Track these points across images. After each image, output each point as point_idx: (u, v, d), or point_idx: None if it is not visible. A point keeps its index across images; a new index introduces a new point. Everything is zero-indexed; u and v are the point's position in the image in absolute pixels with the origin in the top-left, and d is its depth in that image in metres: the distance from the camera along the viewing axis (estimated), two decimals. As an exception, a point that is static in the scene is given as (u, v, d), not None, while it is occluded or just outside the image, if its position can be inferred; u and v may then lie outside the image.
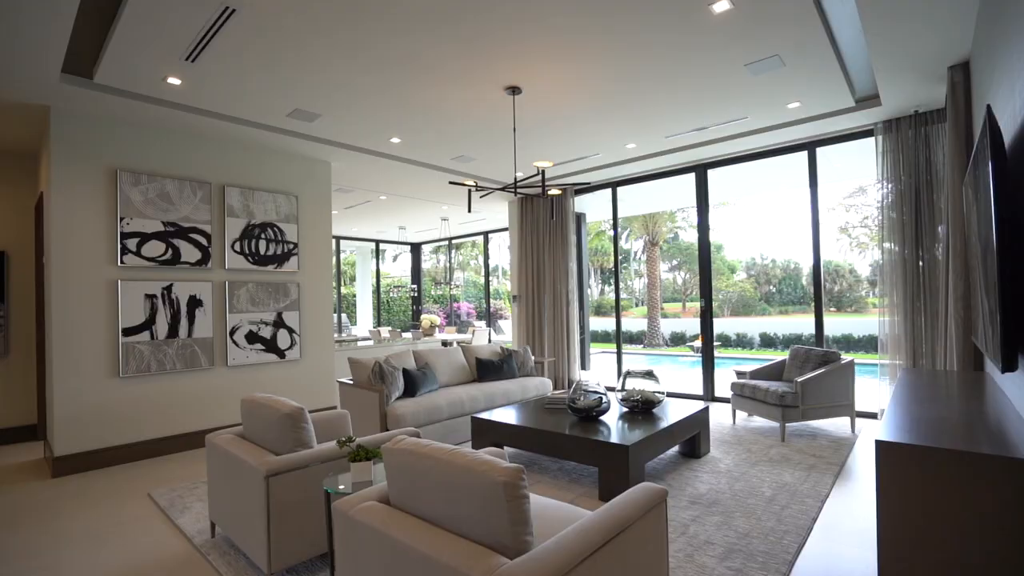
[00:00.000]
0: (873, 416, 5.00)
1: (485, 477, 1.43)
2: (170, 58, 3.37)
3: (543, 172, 3.69)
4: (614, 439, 3.22)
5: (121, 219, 4.37)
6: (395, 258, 22.15)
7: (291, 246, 5.49)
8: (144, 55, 3.32)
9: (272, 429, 2.49)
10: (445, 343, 9.32)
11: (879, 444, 1.83)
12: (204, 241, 4.87)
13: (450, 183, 4.00)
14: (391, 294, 15.09)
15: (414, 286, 13.08)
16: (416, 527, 1.57)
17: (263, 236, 5.29)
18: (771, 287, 22.19)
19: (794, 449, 4.10)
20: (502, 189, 4.04)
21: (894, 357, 4.76)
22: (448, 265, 17.91)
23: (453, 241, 12.63)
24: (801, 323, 16.12)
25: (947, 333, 3.84)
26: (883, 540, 1.84)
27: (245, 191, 5.16)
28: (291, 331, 5.46)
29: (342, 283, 19.17)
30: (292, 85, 3.88)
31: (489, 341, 11.56)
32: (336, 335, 11.94)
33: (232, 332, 5.02)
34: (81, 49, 3.34)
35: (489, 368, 5.41)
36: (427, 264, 22.79)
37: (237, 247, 5.09)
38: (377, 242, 12.74)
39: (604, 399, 3.80)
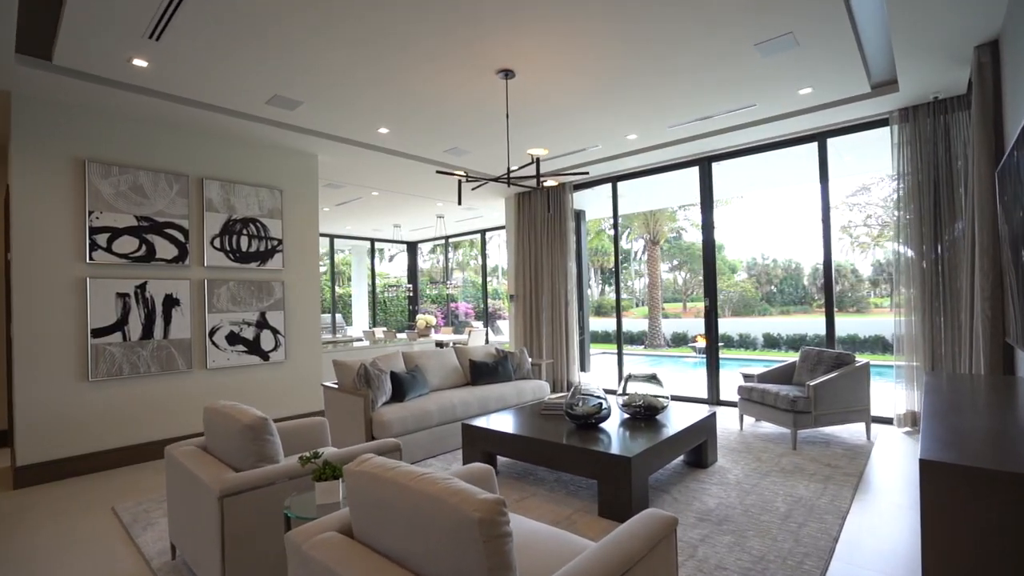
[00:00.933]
0: (888, 421, 4.74)
1: (457, 512, 1.17)
2: (131, 36, 3.10)
3: (537, 160, 3.43)
4: (615, 450, 2.96)
5: (90, 213, 4.11)
6: (392, 258, 21.89)
7: (275, 243, 5.23)
8: (103, 33, 3.06)
9: (233, 442, 2.22)
10: (440, 344, 9.06)
11: (923, 464, 1.57)
12: (181, 237, 4.60)
13: (438, 172, 3.73)
14: (386, 294, 14.80)
15: (409, 285, 12.81)
16: (378, 568, 1.31)
17: (245, 232, 5.03)
18: (772, 287, 21.95)
19: (807, 458, 3.83)
20: (494, 180, 3.78)
21: (910, 359, 4.50)
22: (445, 264, 17.66)
23: (451, 240, 12.37)
24: (804, 323, 15.85)
25: (972, 334, 3.58)
26: (929, 573, 1.58)
27: (225, 184, 4.90)
28: (275, 332, 5.20)
29: (339, 283, 18.91)
30: (269, 69, 3.62)
31: (487, 342, 11.30)
32: (330, 336, 11.69)
33: (212, 333, 4.76)
34: (36, 27, 3.08)
35: (483, 371, 5.14)
36: (426, 264, 22.54)
37: (217, 243, 4.83)
38: (372, 241, 12.48)
39: (604, 405, 3.54)
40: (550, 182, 3.89)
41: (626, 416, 3.71)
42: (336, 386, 4.35)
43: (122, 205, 4.28)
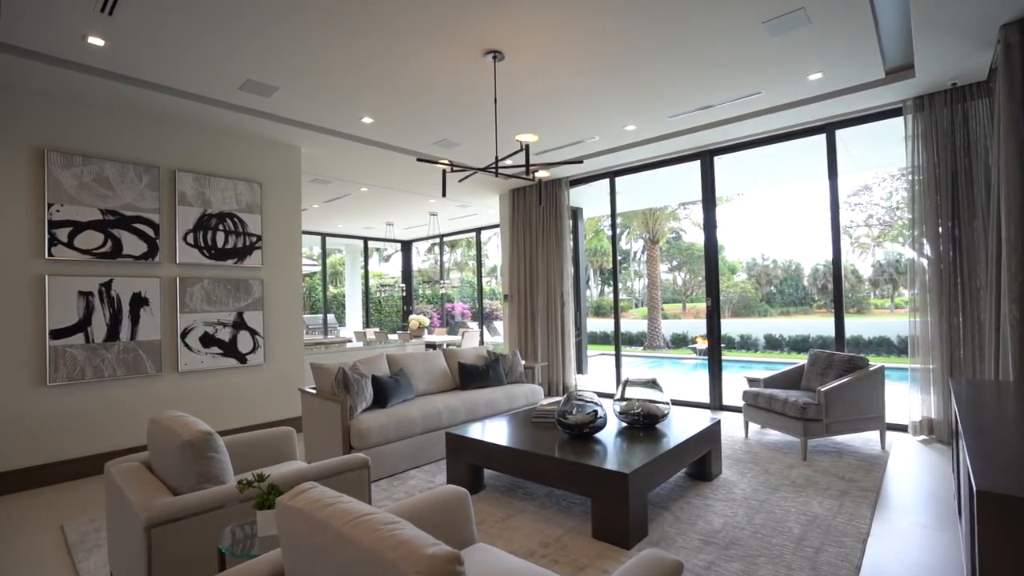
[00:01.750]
0: (902, 429, 4.46)
1: (395, 572, 0.89)
2: (82, 9, 2.83)
3: (527, 147, 3.15)
4: (610, 464, 2.68)
5: (50, 206, 3.83)
6: (388, 257, 21.62)
7: (254, 239, 4.95)
8: (51, 4, 2.78)
9: (172, 460, 1.95)
10: (432, 345, 8.78)
11: (980, 496, 1.30)
12: (151, 232, 4.33)
13: (419, 160, 3.44)
14: (380, 293, 14.52)
15: (402, 285, 12.53)
16: (305, 634, 1.03)
17: (221, 227, 4.75)
18: (772, 288, 21.77)
19: (819, 470, 3.56)
20: (481, 170, 3.50)
21: (926, 362, 4.24)
22: (440, 263, 17.38)
23: (448, 239, 12.08)
24: (807, 324, 15.59)
25: (999, 336, 3.31)
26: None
27: (200, 177, 4.62)
28: (253, 333, 4.91)
29: (335, 282, 18.62)
30: (240, 51, 3.35)
31: (481, 343, 11.03)
32: (322, 336, 11.41)
33: (184, 334, 4.48)
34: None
35: (473, 374, 4.87)
36: (425, 264, 22.28)
37: (190, 239, 4.55)
38: (365, 239, 12.20)
39: (599, 413, 3.26)
40: (542, 173, 3.62)
41: (623, 425, 3.44)
42: (314, 391, 4.07)
43: (86, 198, 4.00)
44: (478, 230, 11.08)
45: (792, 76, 3.93)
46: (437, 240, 12.52)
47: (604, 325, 17.83)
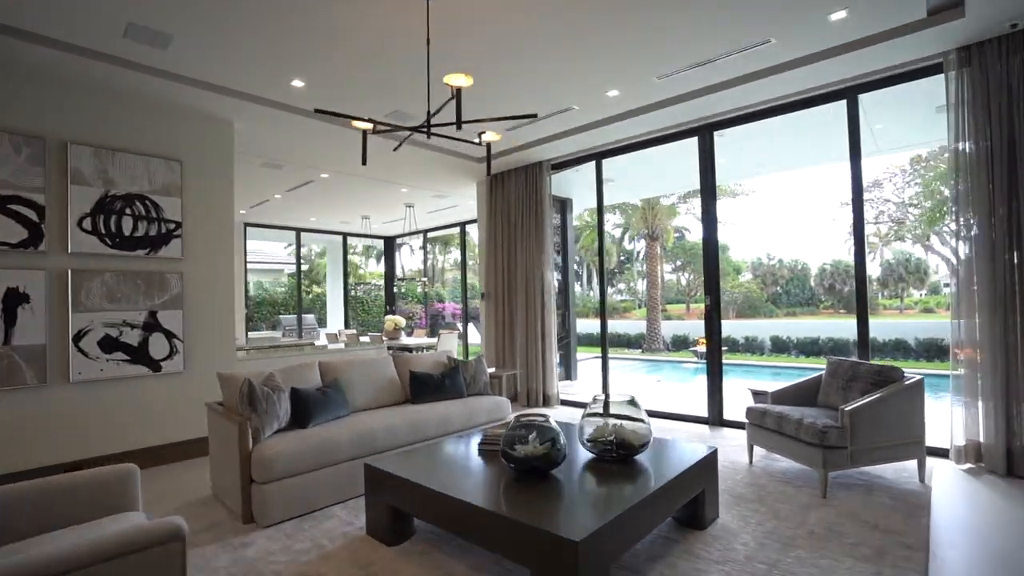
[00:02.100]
0: (941, 453, 3.67)
1: None
2: None
3: (458, 92, 2.39)
4: (558, 523, 1.91)
5: None
6: (379, 255, 20.92)
7: (172, 226, 4.22)
8: None
9: None
10: (408, 349, 8.05)
11: None
12: (33, 215, 3.60)
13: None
14: (358, 292, 13.79)
15: (380, 284, 11.79)
16: None
17: (128, 211, 4.02)
18: (777, 288, 21.03)
19: (843, 513, 2.78)
20: (413, 130, 2.75)
21: (972, 372, 3.45)
22: (424, 260, 16.67)
23: (436, 234, 11.33)
24: (814, 325, 14.74)
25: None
26: None
27: (100, 152, 3.89)
28: (170, 336, 4.18)
29: (319, 282, 17.90)
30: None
31: (465, 345, 10.30)
32: (297, 339, 10.71)
33: (78, 337, 3.75)
34: None
35: (427, 385, 4.11)
36: (419, 263, 21.59)
37: (87, 225, 3.82)
38: (344, 235, 11.47)
39: (558, 442, 2.49)
40: (490, 136, 2.86)
41: (592, 456, 2.68)
42: (220, 407, 3.33)
43: (-58, 171, 3.29)
44: (462, 224, 10.32)
45: (810, 16, 3.15)
46: (430, 236, 11.80)
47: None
